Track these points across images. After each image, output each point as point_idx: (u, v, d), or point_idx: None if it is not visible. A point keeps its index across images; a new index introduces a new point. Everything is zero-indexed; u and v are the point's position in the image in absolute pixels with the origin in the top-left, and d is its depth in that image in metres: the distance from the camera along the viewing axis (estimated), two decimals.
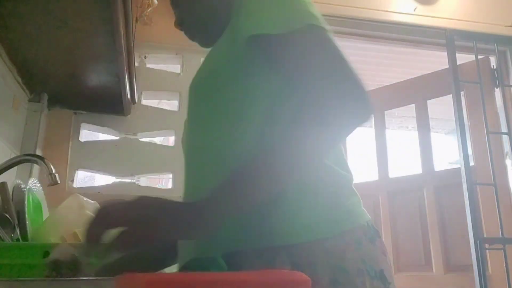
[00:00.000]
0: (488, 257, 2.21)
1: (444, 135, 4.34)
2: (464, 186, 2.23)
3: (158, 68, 2.11)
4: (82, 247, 0.50)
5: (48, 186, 1.26)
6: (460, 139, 2.28)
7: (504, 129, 2.41)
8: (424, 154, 2.60)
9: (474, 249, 2.13)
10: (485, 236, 2.22)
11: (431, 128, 2.71)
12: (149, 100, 2.08)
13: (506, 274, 2.12)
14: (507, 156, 2.39)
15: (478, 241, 2.13)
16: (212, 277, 0.42)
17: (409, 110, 3.06)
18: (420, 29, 2.46)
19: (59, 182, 1.26)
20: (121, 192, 1.86)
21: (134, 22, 1.66)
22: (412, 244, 2.49)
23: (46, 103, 1.78)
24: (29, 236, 1.30)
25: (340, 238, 0.64)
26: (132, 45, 1.42)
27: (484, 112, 2.36)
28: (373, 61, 3.35)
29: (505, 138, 2.40)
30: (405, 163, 3.33)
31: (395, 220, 2.59)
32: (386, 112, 2.84)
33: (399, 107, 2.93)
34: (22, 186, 1.43)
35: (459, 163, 2.28)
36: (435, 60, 2.93)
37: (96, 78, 1.63)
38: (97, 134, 2.03)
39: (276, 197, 0.62)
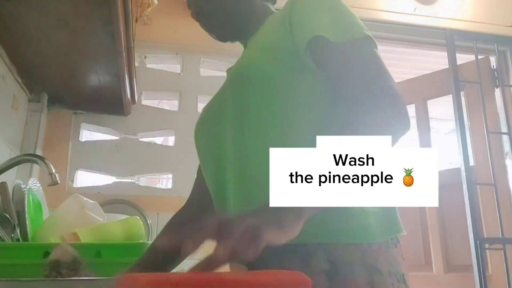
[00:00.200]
0: (488, 257, 2.21)
1: (444, 135, 4.33)
2: (464, 186, 2.23)
3: (158, 68, 2.11)
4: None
5: (48, 186, 1.26)
6: (460, 139, 2.29)
7: (504, 129, 2.41)
8: None
9: (474, 249, 2.13)
10: (485, 236, 2.22)
11: (431, 128, 2.70)
12: (149, 100, 2.08)
13: (506, 274, 2.12)
14: (507, 156, 2.39)
15: (478, 241, 2.13)
16: (211, 277, 0.42)
17: (409, 110, 3.04)
18: (420, 29, 2.46)
19: (59, 182, 1.26)
20: (121, 192, 1.86)
21: (134, 22, 1.66)
22: (412, 244, 2.48)
23: (46, 103, 1.78)
24: (29, 236, 1.30)
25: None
26: (132, 45, 1.42)
27: (484, 112, 2.36)
28: None
29: (505, 138, 2.39)
30: None
31: None
32: None
33: None
34: (22, 186, 1.43)
35: (459, 163, 2.28)
36: (435, 60, 2.93)
37: (96, 78, 1.63)
38: (97, 134, 2.03)
39: None
